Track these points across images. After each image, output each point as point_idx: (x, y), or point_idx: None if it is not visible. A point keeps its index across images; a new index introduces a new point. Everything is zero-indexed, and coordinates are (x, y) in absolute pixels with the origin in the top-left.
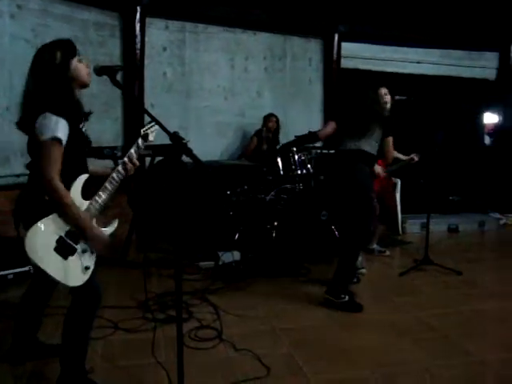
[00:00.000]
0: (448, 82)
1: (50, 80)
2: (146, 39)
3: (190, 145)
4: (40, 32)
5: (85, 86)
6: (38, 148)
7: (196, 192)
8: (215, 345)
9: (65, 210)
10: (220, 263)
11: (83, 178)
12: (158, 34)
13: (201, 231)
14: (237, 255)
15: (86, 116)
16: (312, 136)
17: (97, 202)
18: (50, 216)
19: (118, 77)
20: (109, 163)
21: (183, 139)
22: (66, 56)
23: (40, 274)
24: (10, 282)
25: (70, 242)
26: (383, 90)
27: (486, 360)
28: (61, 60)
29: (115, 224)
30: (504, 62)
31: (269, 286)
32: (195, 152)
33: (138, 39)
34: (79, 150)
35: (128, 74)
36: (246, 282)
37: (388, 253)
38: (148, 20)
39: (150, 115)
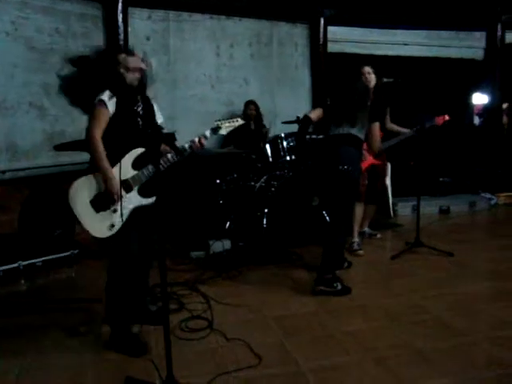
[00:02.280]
0: (436, 63)
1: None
2: (129, 29)
3: (177, 135)
4: (20, 24)
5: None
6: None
7: (185, 181)
8: (206, 335)
9: (97, 163)
10: (211, 252)
11: (138, 151)
12: (141, 24)
13: (191, 220)
14: (227, 244)
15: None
16: (307, 120)
17: (143, 173)
18: (94, 174)
19: None
20: None
21: (162, 128)
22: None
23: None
24: None
25: (105, 200)
26: (366, 69)
27: (479, 340)
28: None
29: (152, 199)
30: (491, 42)
31: (260, 275)
32: (183, 142)
33: (121, 29)
34: (131, 125)
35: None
36: (237, 271)
37: (379, 236)
38: (130, 10)
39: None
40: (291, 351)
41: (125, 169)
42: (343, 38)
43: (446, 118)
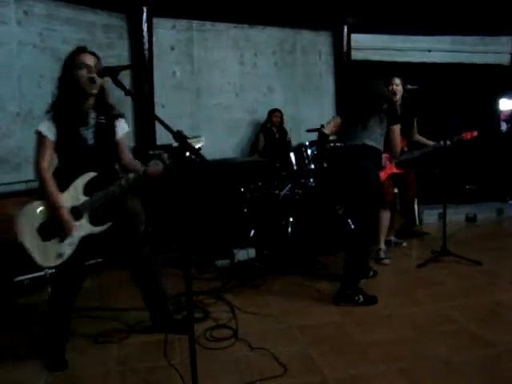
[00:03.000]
0: (461, 69)
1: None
2: (154, 39)
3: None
4: (47, 36)
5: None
6: None
7: (209, 190)
8: (231, 344)
9: (45, 191)
10: (235, 261)
11: (89, 175)
12: (165, 34)
13: (215, 229)
14: (252, 252)
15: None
16: (322, 136)
17: (94, 199)
18: (42, 201)
19: (128, 78)
20: None
21: (187, 137)
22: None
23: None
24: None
25: (52, 229)
26: (396, 80)
27: (508, 352)
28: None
29: (107, 225)
30: None
31: (284, 283)
32: (207, 150)
33: (146, 40)
34: (77, 149)
35: (137, 75)
36: (261, 280)
37: (405, 244)
38: (155, 20)
39: (154, 115)
40: (316, 361)
41: (75, 195)
42: (367, 46)
43: (474, 134)
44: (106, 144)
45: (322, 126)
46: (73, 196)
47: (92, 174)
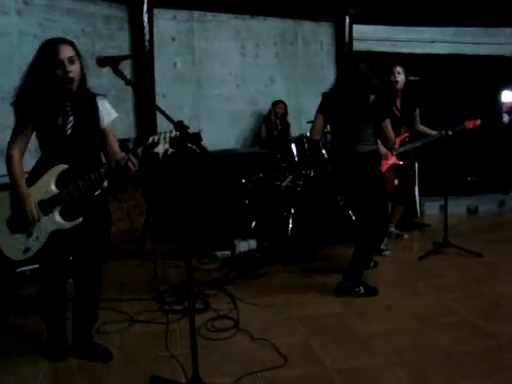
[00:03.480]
0: (464, 61)
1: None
2: (155, 30)
3: (202, 134)
4: (48, 27)
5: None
6: None
7: (210, 181)
8: (232, 335)
9: (12, 182)
10: (236, 252)
11: (61, 167)
12: (166, 25)
13: (217, 220)
14: (253, 244)
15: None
16: (313, 143)
17: (65, 193)
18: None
19: (129, 69)
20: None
21: (188, 128)
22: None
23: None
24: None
25: (22, 222)
26: (398, 68)
27: (509, 343)
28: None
29: (78, 221)
30: None
31: (285, 274)
32: (208, 141)
33: (147, 30)
34: (53, 140)
35: (138, 66)
36: (262, 271)
37: (406, 236)
38: (155, 11)
39: (155, 105)
40: (317, 351)
41: (45, 188)
42: (369, 37)
43: (478, 122)
44: (86, 133)
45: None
46: (41, 189)
47: (64, 167)
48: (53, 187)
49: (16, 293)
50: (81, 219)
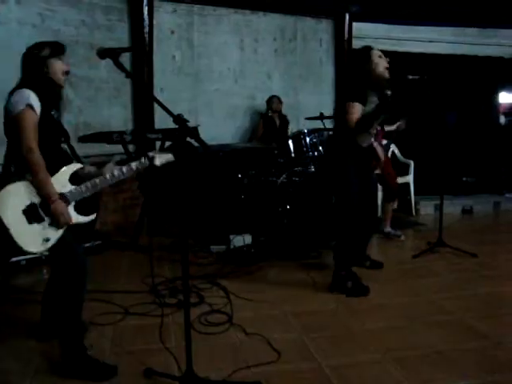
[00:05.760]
0: (462, 61)
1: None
2: (155, 23)
3: (200, 129)
4: (47, 17)
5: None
6: (13, 126)
7: (207, 175)
8: (226, 329)
9: (36, 177)
10: (231, 247)
11: (75, 166)
12: (166, 18)
13: (212, 215)
14: (248, 239)
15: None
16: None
17: (81, 189)
18: (29, 181)
19: (127, 61)
20: (119, 148)
21: (187, 121)
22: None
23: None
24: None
25: (40, 211)
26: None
27: (501, 343)
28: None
29: (93, 216)
30: None
31: (280, 270)
32: (206, 135)
33: (146, 23)
34: (54, 137)
35: (137, 59)
36: (257, 266)
37: (403, 238)
38: (156, 3)
39: (154, 99)
40: (310, 347)
41: (62, 182)
42: (368, 35)
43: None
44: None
45: (321, 113)
46: (60, 183)
47: (78, 165)
48: (68, 182)
49: (11, 283)
50: (95, 215)
